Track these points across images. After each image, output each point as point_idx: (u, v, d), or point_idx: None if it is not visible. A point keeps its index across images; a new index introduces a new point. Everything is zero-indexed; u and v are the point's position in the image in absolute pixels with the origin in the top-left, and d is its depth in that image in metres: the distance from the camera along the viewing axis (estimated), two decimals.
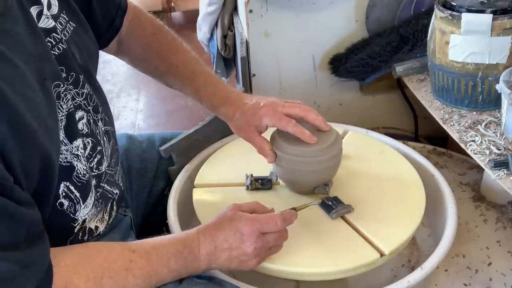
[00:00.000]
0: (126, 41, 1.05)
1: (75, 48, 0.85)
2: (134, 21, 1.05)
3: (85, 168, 0.83)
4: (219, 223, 0.85)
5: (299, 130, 0.96)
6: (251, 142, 1.03)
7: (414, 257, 1.11)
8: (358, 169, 1.11)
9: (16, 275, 0.66)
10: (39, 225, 0.71)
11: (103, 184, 0.90)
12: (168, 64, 1.07)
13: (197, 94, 1.08)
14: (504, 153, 1.03)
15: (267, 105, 1.00)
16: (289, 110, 0.99)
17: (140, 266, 0.78)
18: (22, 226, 0.68)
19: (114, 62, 2.87)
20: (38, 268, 0.68)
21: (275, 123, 0.99)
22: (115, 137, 0.98)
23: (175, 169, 1.18)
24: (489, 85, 1.12)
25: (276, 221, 0.86)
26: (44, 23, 0.78)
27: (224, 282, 0.87)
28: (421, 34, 1.35)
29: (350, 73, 1.45)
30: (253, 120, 1.01)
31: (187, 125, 1.27)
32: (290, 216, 0.89)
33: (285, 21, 1.41)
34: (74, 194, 0.82)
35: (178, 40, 1.10)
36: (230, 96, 1.05)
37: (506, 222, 1.18)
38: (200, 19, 1.64)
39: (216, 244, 0.84)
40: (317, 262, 0.91)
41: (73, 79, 0.83)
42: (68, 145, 0.80)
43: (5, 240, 0.65)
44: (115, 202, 0.95)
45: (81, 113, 0.85)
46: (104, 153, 0.90)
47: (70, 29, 0.84)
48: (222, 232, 0.84)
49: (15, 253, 0.66)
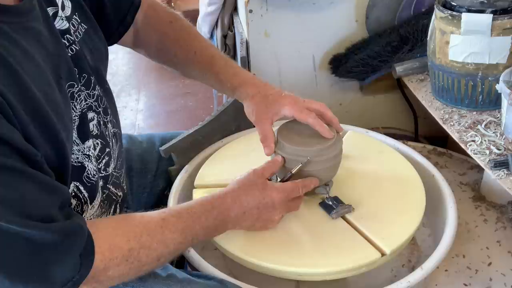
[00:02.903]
0: (142, 32, 1.06)
1: (87, 50, 0.86)
2: (149, 11, 1.05)
3: (95, 169, 0.84)
4: (249, 189, 0.89)
5: (319, 123, 0.97)
6: (259, 127, 1.00)
7: (414, 257, 1.11)
8: (358, 169, 1.11)
9: (59, 244, 0.67)
10: (70, 199, 0.74)
11: (109, 185, 0.90)
12: (187, 50, 1.07)
13: (217, 77, 1.06)
14: (504, 153, 1.03)
15: (289, 96, 1.00)
16: (309, 104, 0.99)
17: (173, 223, 0.81)
18: (58, 198, 0.70)
19: (114, 62, 2.87)
20: (78, 237, 0.70)
21: (295, 113, 0.98)
22: (121, 139, 0.99)
23: (175, 169, 1.18)
24: (489, 85, 1.12)
25: (299, 188, 0.93)
26: (59, 24, 0.80)
27: (226, 282, 0.87)
28: (421, 34, 1.35)
29: (350, 73, 1.45)
30: (274, 106, 0.99)
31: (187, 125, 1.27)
32: (309, 182, 0.95)
33: (285, 21, 1.41)
34: (83, 194, 0.82)
35: (194, 27, 1.11)
36: (252, 78, 1.05)
37: (506, 222, 1.18)
38: (200, 19, 1.64)
39: (246, 209, 0.88)
40: (317, 262, 0.91)
41: (85, 80, 0.84)
42: (80, 145, 0.81)
43: (44, 211, 0.67)
44: (118, 204, 0.96)
45: (92, 114, 0.86)
46: (112, 155, 0.91)
47: (82, 31, 0.86)
48: (253, 199, 0.88)
49: (55, 224, 0.68)
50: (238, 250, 0.93)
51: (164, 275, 0.85)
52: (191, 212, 0.83)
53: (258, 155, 1.04)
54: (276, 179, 1.05)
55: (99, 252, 0.72)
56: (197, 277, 0.87)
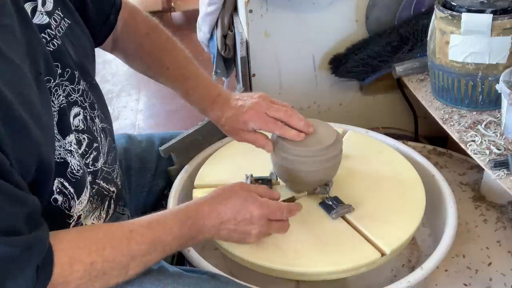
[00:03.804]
0: (120, 40, 1.06)
1: (70, 45, 0.85)
2: (129, 20, 1.05)
3: (79, 164, 0.83)
4: (229, 199, 0.87)
5: (286, 131, 0.97)
6: (245, 141, 1.03)
7: (414, 257, 1.11)
8: (358, 169, 1.11)
9: (17, 258, 0.66)
10: (39, 210, 0.72)
11: (99, 181, 0.90)
12: (159, 65, 1.07)
13: (186, 97, 1.07)
14: (504, 153, 1.03)
15: (251, 108, 0.99)
16: (274, 114, 0.99)
17: (142, 233, 0.79)
18: (24, 210, 0.68)
19: (114, 62, 2.87)
20: (39, 250, 0.69)
21: (261, 126, 0.99)
22: (112, 135, 0.98)
23: (175, 169, 1.18)
24: (489, 85, 1.12)
25: (283, 211, 0.90)
26: (38, 19, 0.79)
27: (218, 276, 0.87)
28: (421, 34, 1.35)
29: (350, 73, 1.45)
30: (239, 125, 1.01)
31: (187, 125, 1.26)
32: (295, 208, 0.93)
33: (285, 21, 1.41)
34: (68, 190, 0.82)
35: (172, 41, 1.09)
36: (217, 100, 1.04)
37: (506, 222, 1.18)
38: (200, 19, 1.64)
39: (223, 220, 0.86)
40: (317, 262, 0.91)
41: (69, 75, 0.83)
42: (61, 141, 0.80)
43: (6, 224, 0.66)
44: (112, 200, 0.95)
45: (77, 109, 0.85)
46: (100, 150, 0.90)
47: (65, 26, 0.85)
48: (231, 210, 0.86)
49: (16, 237, 0.66)
50: (238, 250, 0.93)
51: (156, 269, 0.85)
52: (162, 223, 0.81)
53: (257, 155, 1.04)
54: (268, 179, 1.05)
55: (58, 265, 0.70)
56: (190, 272, 0.87)
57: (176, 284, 0.82)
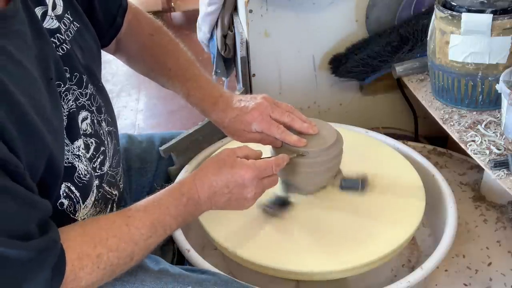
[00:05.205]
0: (124, 41, 1.06)
1: (78, 49, 0.85)
2: (133, 21, 1.05)
3: (86, 168, 0.84)
4: (218, 169, 0.87)
5: (287, 136, 0.97)
6: (250, 142, 1.02)
7: (414, 257, 1.11)
8: (358, 169, 1.11)
9: (34, 261, 0.67)
10: (50, 212, 0.73)
11: (104, 185, 0.90)
12: (162, 66, 1.07)
13: (188, 99, 1.07)
14: (504, 153, 1.03)
15: (254, 109, 0.99)
16: (277, 117, 0.99)
17: (140, 218, 0.80)
18: (37, 213, 0.69)
19: (114, 62, 2.87)
20: (52, 253, 0.69)
21: (264, 128, 0.99)
22: (117, 138, 0.98)
23: (175, 169, 1.18)
24: (489, 85, 1.12)
25: (272, 166, 0.90)
26: (48, 24, 0.79)
27: (219, 275, 0.87)
28: (421, 34, 1.35)
29: (350, 73, 1.45)
30: (242, 126, 1.01)
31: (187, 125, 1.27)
32: (282, 160, 0.93)
33: (285, 21, 1.41)
34: (75, 194, 0.82)
35: (174, 42, 1.09)
36: (219, 102, 1.03)
37: (506, 222, 1.18)
38: (200, 19, 1.64)
39: (216, 189, 0.86)
40: (317, 262, 0.91)
41: (77, 79, 0.83)
42: (69, 146, 0.81)
43: (22, 228, 0.67)
44: (115, 203, 0.95)
45: (85, 113, 0.86)
46: (107, 154, 0.91)
47: (74, 30, 0.85)
48: (221, 178, 0.86)
49: (32, 241, 0.67)
50: (238, 250, 0.93)
51: (156, 269, 0.85)
52: (158, 204, 0.83)
53: None
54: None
55: (69, 262, 0.71)
56: (190, 272, 0.87)
57: (177, 283, 0.82)
